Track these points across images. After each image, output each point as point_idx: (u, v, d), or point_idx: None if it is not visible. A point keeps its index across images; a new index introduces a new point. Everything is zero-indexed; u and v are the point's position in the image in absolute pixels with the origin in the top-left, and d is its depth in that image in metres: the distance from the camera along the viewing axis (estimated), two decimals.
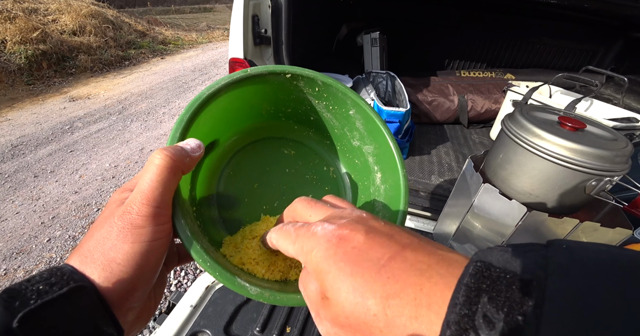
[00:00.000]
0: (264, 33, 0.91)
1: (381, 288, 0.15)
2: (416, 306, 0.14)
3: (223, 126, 0.36)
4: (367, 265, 0.16)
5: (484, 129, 1.71)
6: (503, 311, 0.12)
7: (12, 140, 2.58)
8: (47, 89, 3.60)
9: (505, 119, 0.70)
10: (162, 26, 6.73)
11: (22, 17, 3.91)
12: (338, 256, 0.17)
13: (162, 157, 0.22)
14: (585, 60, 1.90)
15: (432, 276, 0.15)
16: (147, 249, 0.21)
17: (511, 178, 0.67)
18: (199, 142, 0.26)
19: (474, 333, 0.12)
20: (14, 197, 1.99)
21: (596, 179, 0.56)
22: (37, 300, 0.17)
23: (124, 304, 0.20)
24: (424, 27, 1.96)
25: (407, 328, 0.14)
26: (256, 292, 0.24)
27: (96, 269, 0.20)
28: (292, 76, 0.32)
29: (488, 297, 0.12)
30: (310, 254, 0.18)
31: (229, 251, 0.32)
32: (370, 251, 0.17)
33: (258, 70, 0.31)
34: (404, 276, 0.15)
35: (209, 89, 0.29)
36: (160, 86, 3.86)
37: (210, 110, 0.30)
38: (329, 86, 0.34)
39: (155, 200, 0.21)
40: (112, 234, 0.21)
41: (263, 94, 0.35)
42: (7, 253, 1.62)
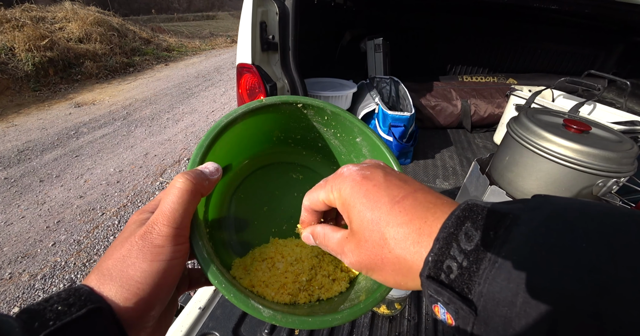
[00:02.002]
0: (272, 39, 0.93)
1: (394, 219, 0.19)
2: (419, 234, 0.18)
3: (237, 151, 0.37)
4: (384, 200, 0.20)
5: (487, 133, 1.71)
6: (480, 230, 0.15)
7: (19, 145, 2.61)
8: (53, 95, 3.65)
9: (510, 122, 0.70)
10: (166, 33, 6.83)
11: (30, 25, 3.99)
12: (362, 193, 0.21)
13: (184, 181, 0.24)
14: (587, 64, 1.91)
15: (435, 212, 0.18)
16: (165, 268, 0.22)
17: (518, 179, 0.67)
18: (217, 165, 0.28)
19: (456, 244, 0.16)
20: (19, 201, 2.00)
21: (603, 180, 0.57)
22: (56, 321, 0.17)
23: (139, 323, 0.21)
24: (427, 34, 1.99)
25: (410, 249, 0.18)
26: (269, 315, 0.24)
27: (114, 287, 0.20)
28: (304, 105, 0.34)
29: (471, 222, 0.16)
30: (340, 192, 0.22)
31: (239, 273, 0.33)
32: (387, 189, 0.20)
33: (272, 100, 0.33)
34: (413, 210, 0.19)
35: (227, 117, 0.31)
36: (164, 92, 3.91)
37: (227, 136, 0.32)
38: (338, 115, 0.36)
39: (176, 221, 0.22)
40: (132, 253, 0.21)
41: (276, 122, 0.37)
42: (13, 256, 1.62)
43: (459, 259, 0.15)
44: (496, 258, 0.14)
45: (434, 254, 0.16)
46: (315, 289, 0.33)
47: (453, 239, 0.16)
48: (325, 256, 0.36)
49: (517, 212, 0.15)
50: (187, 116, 3.31)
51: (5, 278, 1.51)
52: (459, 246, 0.16)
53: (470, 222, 0.16)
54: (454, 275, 0.15)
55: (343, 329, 0.65)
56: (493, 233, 0.15)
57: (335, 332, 0.64)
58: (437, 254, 0.16)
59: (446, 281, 0.16)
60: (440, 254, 0.16)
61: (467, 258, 0.15)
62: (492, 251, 0.15)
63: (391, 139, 1.21)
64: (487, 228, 0.15)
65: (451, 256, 0.16)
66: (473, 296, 0.15)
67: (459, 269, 0.15)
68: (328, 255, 0.36)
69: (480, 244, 0.15)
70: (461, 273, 0.15)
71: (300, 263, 0.34)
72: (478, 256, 0.15)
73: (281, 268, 0.33)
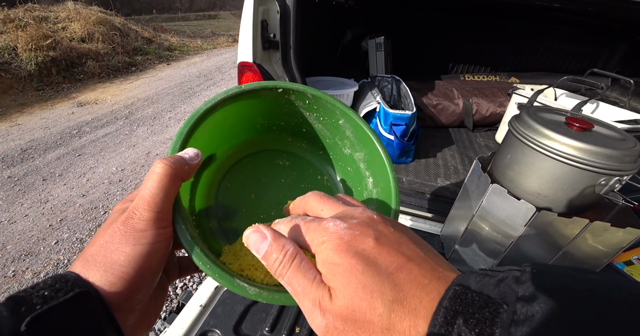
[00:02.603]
0: (273, 38, 0.93)
1: (389, 291, 0.16)
2: (416, 316, 0.16)
3: (220, 140, 0.37)
4: (376, 269, 0.17)
5: (489, 133, 1.71)
6: (475, 331, 0.13)
7: (22, 144, 2.63)
8: (56, 94, 3.67)
9: (512, 120, 0.70)
10: (167, 33, 6.85)
11: (33, 25, 4.01)
12: (350, 253, 0.18)
13: (162, 166, 0.24)
14: (590, 63, 1.90)
15: (430, 291, 0.16)
16: (148, 251, 0.22)
17: (519, 178, 0.67)
18: (196, 151, 0.27)
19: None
20: (23, 200, 2.02)
21: (605, 178, 0.56)
22: (43, 305, 0.17)
23: (126, 305, 0.21)
24: (428, 32, 1.98)
25: (406, 333, 0.16)
26: (255, 292, 0.25)
27: (98, 272, 0.20)
28: (284, 90, 0.34)
29: (463, 319, 0.14)
30: (321, 246, 0.19)
31: (228, 259, 0.33)
32: (379, 257, 0.18)
33: (251, 86, 0.33)
34: (408, 287, 0.17)
35: (206, 104, 0.31)
36: (166, 91, 3.92)
37: (208, 124, 0.32)
38: (318, 98, 0.36)
39: (157, 205, 0.23)
40: (115, 238, 0.22)
41: (257, 109, 0.36)
42: (16, 254, 1.63)
43: None
44: None
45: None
46: None
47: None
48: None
49: (512, 301, 0.14)
50: (188, 115, 3.31)
51: (9, 275, 1.53)
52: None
53: (462, 318, 0.14)
54: None
55: None
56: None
57: None
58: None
59: None
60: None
61: None
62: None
63: (392, 137, 1.21)
64: (482, 329, 0.13)
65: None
66: None
67: None
68: None
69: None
70: None
71: None
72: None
73: None
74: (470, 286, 0.15)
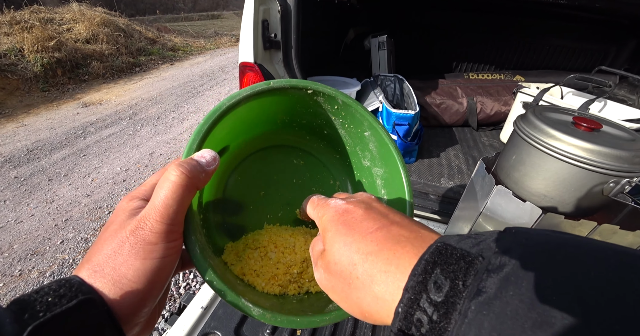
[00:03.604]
0: (274, 37, 0.93)
1: (364, 247, 0.19)
2: (387, 264, 0.18)
3: (237, 133, 0.36)
4: (358, 230, 0.21)
5: (493, 132, 1.69)
6: (449, 278, 0.15)
7: (28, 145, 2.66)
8: (61, 95, 3.70)
9: (517, 120, 0.69)
10: (171, 33, 6.88)
11: (39, 26, 4.05)
12: (339, 222, 0.22)
13: (178, 174, 0.22)
14: (597, 60, 1.86)
15: (405, 246, 0.18)
16: (158, 266, 0.21)
17: (525, 179, 0.65)
18: (214, 154, 0.26)
19: (425, 295, 0.15)
20: (29, 200, 2.04)
21: (615, 180, 0.55)
22: (47, 313, 0.17)
23: (133, 319, 0.21)
24: (432, 30, 1.96)
25: (377, 278, 0.18)
26: (258, 313, 0.25)
27: (106, 284, 0.20)
28: (314, 91, 0.33)
29: (440, 268, 0.15)
30: (322, 219, 0.24)
31: (230, 258, 0.32)
32: (364, 221, 0.21)
33: (281, 83, 0.31)
34: (384, 242, 0.19)
35: (230, 100, 0.29)
36: (170, 92, 3.94)
37: (228, 120, 0.30)
38: (349, 106, 0.34)
39: (169, 217, 0.22)
40: (124, 249, 0.20)
41: (281, 105, 0.35)
42: (22, 254, 1.65)
43: (428, 311, 0.15)
44: (466, 311, 0.13)
45: (404, 305, 0.16)
46: (306, 282, 0.32)
47: (422, 289, 0.15)
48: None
49: (488, 255, 0.15)
50: (192, 115, 3.33)
51: (15, 275, 1.54)
52: (429, 296, 0.15)
53: (439, 268, 0.15)
54: (425, 330, 0.15)
55: (345, 330, 0.64)
56: (462, 283, 0.14)
57: (337, 332, 0.64)
58: (407, 305, 0.15)
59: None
60: (409, 306, 0.15)
61: (436, 310, 0.14)
62: (461, 304, 0.14)
63: (395, 137, 1.19)
64: (455, 277, 0.15)
65: (421, 308, 0.15)
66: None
67: (430, 324, 0.14)
68: None
69: (449, 295, 0.14)
70: (431, 327, 0.14)
71: (293, 255, 0.33)
72: (447, 310, 0.14)
73: (273, 259, 0.33)
74: (451, 244, 0.16)
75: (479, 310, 0.13)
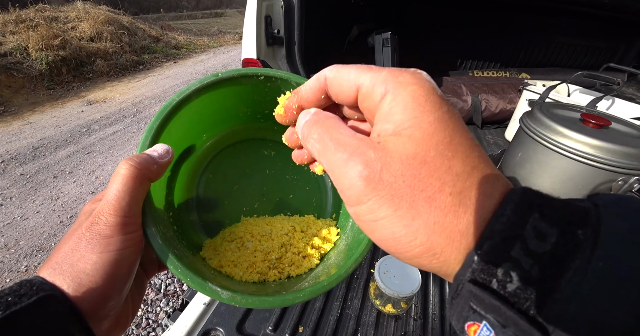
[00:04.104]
0: (277, 33, 0.92)
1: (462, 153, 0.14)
2: (492, 185, 0.13)
3: (198, 131, 0.36)
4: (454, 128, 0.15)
5: (498, 130, 1.67)
6: (558, 227, 0.11)
7: (34, 142, 2.68)
8: (66, 93, 3.73)
9: (524, 117, 0.68)
10: (174, 31, 6.89)
11: (44, 25, 4.07)
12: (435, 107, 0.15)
13: (127, 167, 0.22)
14: (605, 58, 1.83)
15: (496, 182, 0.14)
16: (116, 258, 0.21)
17: (531, 177, 0.65)
18: (167, 147, 0.26)
19: (520, 242, 0.11)
20: (34, 197, 2.06)
21: (624, 178, 0.54)
22: (5, 311, 0.17)
23: (97, 313, 0.21)
24: (436, 28, 1.94)
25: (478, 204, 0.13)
26: (227, 296, 0.24)
27: (65, 280, 0.20)
28: (265, 77, 0.32)
29: (540, 213, 0.12)
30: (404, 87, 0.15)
31: (208, 254, 0.32)
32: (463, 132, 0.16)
33: (230, 73, 0.31)
34: (484, 162, 0.14)
35: (179, 95, 0.29)
36: (173, 90, 3.95)
37: (183, 115, 0.30)
38: None
39: (122, 210, 0.21)
40: (81, 245, 0.21)
41: (238, 97, 0.34)
42: (28, 250, 1.67)
43: (524, 265, 0.11)
44: (588, 267, 0.10)
45: (484, 253, 0.12)
46: (285, 266, 0.32)
47: (516, 235, 0.11)
48: (295, 233, 0.35)
49: (597, 209, 0.11)
50: None
51: (21, 270, 1.56)
52: (526, 245, 0.11)
53: (539, 212, 0.12)
54: (515, 286, 0.11)
55: (347, 327, 0.64)
56: (582, 233, 0.11)
57: (339, 330, 0.63)
58: (490, 253, 0.12)
59: (503, 293, 0.11)
60: (494, 254, 0.12)
61: (538, 264, 0.11)
62: (581, 258, 0.11)
63: None
64: (567, 224, 0.11)
65: (513, 260, 0.11)
66: (547, 320, 0.10)
67: (524, 280, 0.11)
68: (298, 232, 0.35)
69: (561, 245, 0.11)
70: (527, 284, 0.11)
71: (270, 241, 0.33)
72: (558, 264, 0.11)
73: (250, 247, 0.33)
74: (539, 192, 0.13)
75: (613, 266, 0.10)
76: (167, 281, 1.54)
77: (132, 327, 1.33)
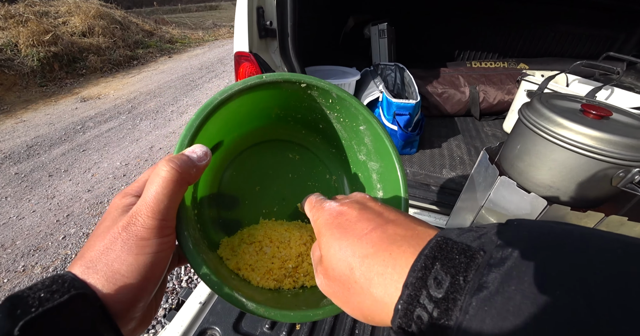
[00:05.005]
0: (270, 25, 0.89)
1: (360, 250, 0.19)
2: (384, 266, 0.17)
3: (231, 127, 0.35)
4: (353, 233, 0.20)
5: (496, 121, 1.65)
6: (450, 273, 0.14)
7: (27, 141, 2.65)
8: (59, 90, 3.67)
9: (522, 108, 0.66)
10: (169, 25, 6.77)
11: (34, 20, 3.98)
12: (334, 225, 0.21)
13: (169, 169, 0.22)
14: (605, 47, 1.81)
15: (401, 245, 0.18)
16: (151, 261, 0.21)
17: (530, 169, 0.63)
18: (205, 149, 0.26)
19: (425, 291, 0.15)
20: (30, 196, 2.04)
21: (624, 170, 0.53)
22: (39, 308, 0.17)
23: (127, 314, 0.21)
24: (433, 18, 1.90)
25: (374, 281, 0.17)
26: (252, 307, 0.25)
27: (100, 280, 0.20)
28: (307, 85, 0.32)
29: (440, 264, 0.15)
30: (316, 222, 0.23)
31: (226, 253, 0.32)
32: (358, 223, 0.20)
33: (273, 77, 0.30)
34: (380, 243, 0.18)
35: (222, 95, 0.28)
36: (168, 85, 3.89)
37: (220, 114, 0.30)
38: (343, 99, 0.33)
39: (161, 213, 0.22)
40: (117, 245, 0.21)
41: (275, 100, 0.34)
42: (25, 250, 1.66)
43: (429, 308, 0.14)
44: (467, 307, 0.13)
45: (403, 302, 0.15)
46: (301, 276, 0.32)
47: (422, 286, 0.15)
48: (312, 244, 0.35)
49: (490, 248, 0.14)
50: (191, 108, 3.30)
51: (19, 270, 1.56)
52: (429, 293, 0.14)
53: (440, 263, 0.15)
54: (425, 327, 0.14)
55: (345, 324, 0.64)
56: (463, 278, 0.14)
57: (336, 327, 0.63)
58: (407, 302, 0.15)
59: (417, 333, 0.14)
60: (409, 303, 0.15)
61: (437, 307, 0.14)
62: (462, 300, 0.13)
63: (396, 128, 1.17)
64: (456, 272, 0.14)
65: (421, 305, 0.14)
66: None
67: (430, 320, 0.14)
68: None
69: (449, 291, 0.14)
70: (432, 324, 0.14)
71: (288, 249, 0.33)
72: (448, 306, 0.14)
73: (269, 253, 0.32)
74: (452, 238, 0.16)
75: (481, 306, 0.13)
76: None
77: None
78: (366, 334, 0.62)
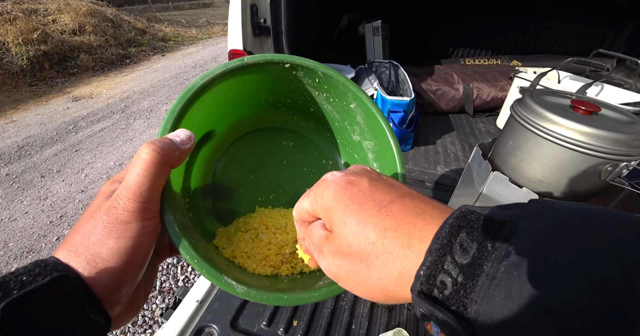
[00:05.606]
0: (263, 23, 0.89)
1: (381, 222, 0.18)
2: (409, 238, 0.17)
3: (220, 116, 0.35)
4: (370, 205, 0.19)
5: (490, 118, 1.67)
6: (477, 240, 0.14)
7: (18, 141, 2.60)
8: (50, 89, 3.61)
9: (514, 104, 0.67)
10: (161, 23, 6.69)
11: (22, 18, 3.91)
12: (346, 196, 0.20)
13: (149, 151, 0.22)
14: (595, 44, 1.83)
15: (425, 218, 0.17)
16: (132, 245, 0.21)
17: (522, 165, 0.64)
18: (189, 133, 0.25)
19: (450, 257, 0.14)
20: (22, 197, 2.01)
21: (612, 164, 0.54)
22: (20, 290, 0.17)
23: (111, 298, 0.20)
24: (427, 15, 1.91)
25: (400, 254, 0.17)
26: (242, 291, 0.23)
27: (81, 263, 0.20)
28: (291, 65, 0.31)
29: (466, 232, 0.15)
30: (321, 197, 0.21)
31: (222, 242, 0.32)
32: (373, 194, 0.19)
33: (255, 59, 0.30)
34: (401, 215, 0.18)
35: (203, 79, 0.28)
36: (162, 84, 3.85)
37: (205, 100, 0.29)
38: (330, 77, 0.33)
39: (142, 195, 0.21)
40: (97, 228, 0.20)
41: (261, 84, 0.34)
42: (18, 252, 1.64)
43: (453, 274, 0.14)
44: (495, 273, 0.13)
45: (426, 268, 0.15)
46: (299, 261, 0.32)
47: (447, 252, 0.15)
48: None
49: (516, 220, 0.14)
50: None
51: None
52: (454, 259, 0.14)
53: (465, 232, 0.15)
54: (449, 292, 0.14)
55: (342, 319, 0.64)
56: (491, 245, 0.14)
57: (333, 322, 0.64)
58: (430, 267, 0.15)
59: (440, 298, 0.14)
60: (433, 268, 0.15)
61: (462, 272, 0.14)
62: (489, 266, 0.13)
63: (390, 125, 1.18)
64: (484, 239, 0.14)
65: (445, 271, 0.14)
66: (469, 316, 0.13)
67: (454, 286, 0.14)
68: None
69: (476, 257, 0.14)
70: (456, 289, 0.14)
71: (285, 235, 0.33)
72: (475, 271, 0.14)
73: (264, 240, 0.32)
74: (476, 210, 0.16)
75: (509, 271, 0.12)
76: (162, 278, 1.54)
77: (129, 325, 1.33)
78: (363, 329, 0.63)
